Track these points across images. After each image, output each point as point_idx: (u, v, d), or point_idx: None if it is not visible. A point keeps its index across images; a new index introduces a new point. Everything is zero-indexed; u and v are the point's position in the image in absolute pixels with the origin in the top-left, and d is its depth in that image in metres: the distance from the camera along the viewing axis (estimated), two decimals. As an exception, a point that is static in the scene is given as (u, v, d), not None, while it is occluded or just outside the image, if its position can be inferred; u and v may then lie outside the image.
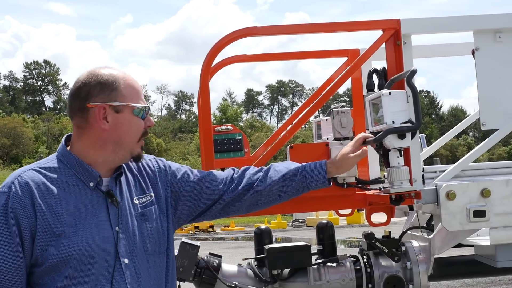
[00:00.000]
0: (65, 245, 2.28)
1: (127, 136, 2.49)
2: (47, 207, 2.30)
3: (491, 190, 3.03)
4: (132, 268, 2.41)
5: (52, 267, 2.28)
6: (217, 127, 3.61)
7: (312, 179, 2.72)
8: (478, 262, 3.51)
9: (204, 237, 20.24)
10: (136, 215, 2.52)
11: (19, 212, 2.27)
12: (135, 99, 2.49)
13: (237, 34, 3.08)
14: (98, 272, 2.33)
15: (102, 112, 2.43)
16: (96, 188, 2.44)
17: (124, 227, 2.44)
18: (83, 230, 2.33)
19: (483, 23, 3.22)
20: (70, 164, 2.45)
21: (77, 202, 2.37)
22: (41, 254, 2.28)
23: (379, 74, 3.27)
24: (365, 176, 3.72)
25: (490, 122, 3.19)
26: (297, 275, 3.28)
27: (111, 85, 2.46)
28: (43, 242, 2.28)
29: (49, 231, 2.28)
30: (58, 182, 2.39)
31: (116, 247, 2.39)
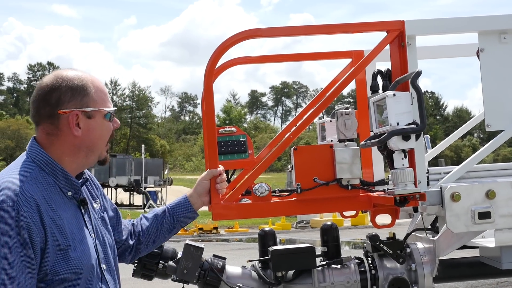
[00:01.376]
0: (74, 259, 2.27)
1: (99, 140, 2.48)
2: (51, 221, 2.26)
3: (496, 192, 3.02)
4: (108, 272, 2.48)
5: (61, 282, 2.24)
6: (221, 129, 3.60)
7: (179, 212, 2.93)
8: (483, 264, 3.50)
9: (208, 239, 20.22)
10: (99, 219, 2.57)
11: (32, 228, 2.18)
12: (105, 103, 2.47)
13: (241, 36, 3.07)
14: (95, 280, 2.36)
15: (75, 119, 2.39)
16: (72, 197, 2.42)
17: (96, 233, 2.48)
18: (81, 242, 2.33)
19: (488, 24, 3.21)
20: (52, 172, 2.39)
21: (66, 213, 2.35)
22: (51, 269, 2.22)
23: (384, 75, 3.26)
24: (369, 177, 3.71)
25: (495, 123, 3.18)
26: (302, 277, 3.28)
27: (82, 90, 2.41)
28: (52, 257, 2.22)
29: (56, 245, 2.24)
30: (49, 193, 2.33)
31: (97, 253, 2.42)
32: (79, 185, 2.45)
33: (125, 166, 37.49)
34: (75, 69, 2.50)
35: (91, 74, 2.53)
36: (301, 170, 3.12)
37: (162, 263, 3.21)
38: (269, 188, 3.14)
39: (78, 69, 2.50)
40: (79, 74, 2.45)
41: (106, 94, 2.51)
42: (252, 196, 3.14)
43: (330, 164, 3.12)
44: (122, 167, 37.32)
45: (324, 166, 3.13)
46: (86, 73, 2.49)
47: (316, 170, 3.12)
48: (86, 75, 2.48)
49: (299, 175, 3.12)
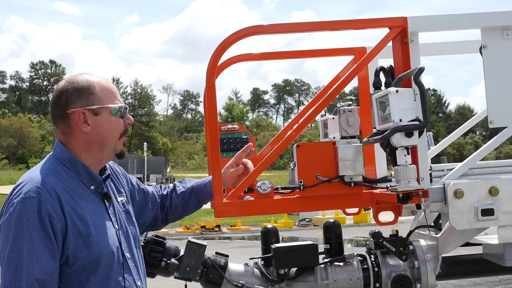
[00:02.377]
0: (94, 245, 2.51)
1: (108, 135, 2.69)
2: (72, 210, 2.50)
3: (500, 189, 3.01)
4: (132, 260, 2.71)
5: (82, 266, 2.48)
6: (223, 126, 3.60)
7: (204, 195, 3.25)
8: (486, 261, 3.49)
9: (211, 237, 20.26)
10: (123, 212, 2.82)
11: (52, 216, 2.43)
12: (111, 100, 2.70)
13: (243, 33, 3.07)
14: (117, 266, 2.59)
15: (82, 116, 2.63)
16: (95, 190, 2.68)
17: (120, 225, 2.72)
18: (102, 230, 2.58)
19: (491, 21, 3.19)
20: (75, 168, 2.64)
21: (88, 204, 2.60)
22: (72, 254, 2.46)
23: (386, 72, 3.25)
24: (372, 174, 3.70)
25: (498, 120, 3.17)
26: (304, 275, 3.27)
27: (87, 90, 2.66)
28: (73, 243, 2.46)
29: (77, 232, 2.48)
30: (71, 186, 2.58)
31: (120, 243, 2.65)
32: (100, 179, 2.70)
33: (127, 164, 37.58)
34: (87, 73, 2.75)
35: (101, 76, 2.77)
36: (303, 167, 3.12)
37: (164, 261, 3.20)
38: (271, 185, 3.13)
39: (89, 73, 2.75)
40: (87, 76, 2.71)
41: (113, 92, 2.73)
42: (255, 193, 3.13)
43: (332, 161, 3.12)
44: (124, 165, 37.36)
45: (327, 163, 3.12)
46: (95, 75, 2.75)
47: (318, 167, 3.11)
48: (93, 77, 2.72)
49: (301, 172, 3.12)
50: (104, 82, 2.72)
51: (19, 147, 71.24)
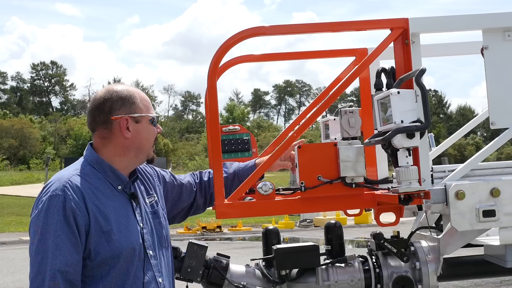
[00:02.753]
0: (115, 241, 2.69)
1: (146, 142, 2.94)
2: (95, 208, 2.70)
3: (501, 190, 3.01)
4: (154, 258, 2.88)
5: (104, 261, 2.68)
6: (225, 127, 3.60)
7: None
8: (487, 262, 3.49)
9: (212, 238, 20.25)
10: (150, 212, 2.97)
11: (76, 212, 2.64)
12: (149, 110, 2.95)
13: (244, 34, 3.07)
14: (137, 263, 2.77)
15: (125, 123, 2.86)
16: (122, 191, 2.86)
17: (145, 224, 2.89)
18: (125, 227, 2.76)
19: (492, 22, 3.19)
20: (102, 169, 2.85)
21: (113, 203, 2.79)
22: (94, 249, 2.66)
23: (388, 73, 3.25)
24: (373, 176, 3.70)
25: (499, 121, 3.17)
26: (306, 276, 3.27)
27: (130, 99, 2.89)
28: (95, 239, 2.66)
29: (99, 229, 2.68)
30: (97, 186, 2.78)
31: (143, 241, 2.83)
32: (126, 179, 2.90)
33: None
34: (122, 83, 3.02)
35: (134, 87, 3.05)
36: (305, 168, 3.12)
37: (166, 262, 3.20)
38: (273, 187, 3.13)
39: (124, 84, 3.02)
40: (126, 87, 2.96)
41: (149, 103, 2.98)
42: (256, 194, 3.13)
43: (334, 162, 3.12)
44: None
45: (328, 164, 3.12)
46: (131, 87, 3.00)
47: (320, 168, 3.11)
48: (131, 88, 2.98)
49: (303, 173, 3.11)
50: (141, 94, 2.97)
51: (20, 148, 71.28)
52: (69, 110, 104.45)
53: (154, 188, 3.13)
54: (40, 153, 72.25)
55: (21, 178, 55.57)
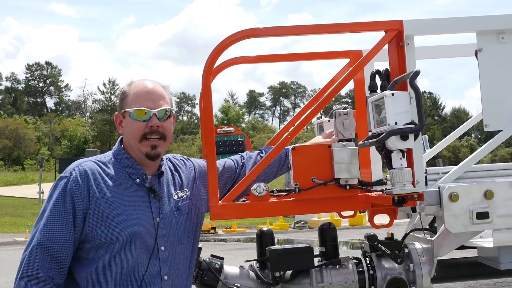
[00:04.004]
0: (113, 227, 2.72)
1: (130, 137, 2.91)
2: (99, 193, 2.75)
3: (494, 192, 3.02)
4: (166, 254, 2.84)
5: (99, 244, 2.71)
6: (219, 128, 3.60)
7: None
8: (481, 264, 3.50)
9: (206, 239, 20.23)
10: (174, 208, 2.94)
11: (75, 194, 2.72)
12: (134, 104, 2.88)
13: (239, 36, 3.07)
14: (139, 254, 2.76)
15: (118, 120, 2.96)
16: (141, 184, 2.88)
17: (163, 218, 2.87)
18: (129, 216, 2.76)
19: (486, 24, 3.20)
20: (122, 160, 2.91)
21: (125, 192, 2.82)
22: (91, 232, 2.71)
23: (382, 75, 3.26)
24: (367, 177, 3.71)
25: (493, 124, 3.18)
26: (299, 277, 3.27)
27: (123, 94, 2.96)
28: (94, 222, 2.71)
29: (99, 213, 2.72)
30: (111, 174, 2.84)
31: (156, 235, 2.81)
32: (144, 173, 2.90)
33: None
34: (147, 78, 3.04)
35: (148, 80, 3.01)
36: (299, 170, 3.12)
37: (160, 263, 3.20)
38: (267, 188, 3.13)
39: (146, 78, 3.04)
40: (134, 81, 3.00)
41: (139, 96, 2.91)
42: (250, 196, 3.13)
43: (328, 164, 3.12)
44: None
45: (322, 166, 3.12)
46: (142, 81, 2.99)
47: (314, 170, 3.11)
48: (137, 82, 2.99)
49: (297, 175, 3.11)
50: (138, 87, 2.95)
51: (15, 149, 71.07)
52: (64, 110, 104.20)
53: (189, 182, 3.11)
54: (35, 154, 72.10)
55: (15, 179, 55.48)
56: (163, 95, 2.97)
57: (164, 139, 2.92)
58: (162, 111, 2.90)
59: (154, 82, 3.01)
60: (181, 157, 3.22)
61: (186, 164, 3.19)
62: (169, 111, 2.95)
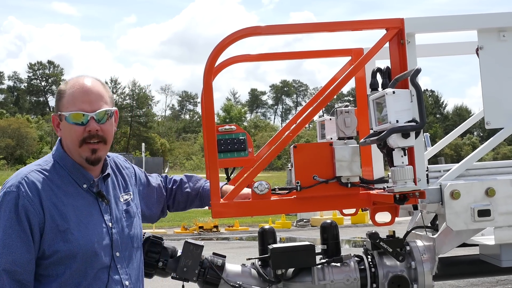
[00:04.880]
0: (71, 240, 2.54)
1: (68, 141, 2.71)
2: (52, 206, 2.55)
3: (496, 190, 3.02)
4: (122, 260, 2.71)
5: (59, 260, 2.53)
6: (220, 127, 3.60)
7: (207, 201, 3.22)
8: (483, 262, 3.50)
9: (209, 237, 20.22)
10: (123, 211, 2.82)
11: (29, 210, 2.50)
12: (70, 107, 2.66)
13: (240, 34, 3.07)
14: (99, 264, 2.61)
15: (55, 121, 2.74)
16: (88, 189, 2.69)
17: (115, 223, 2.73)
18: (85, 227, 2.60)
19: (487, 22, 3.21)
20: (66, 166, 2.70)
21: (75, 202, 2.63)
22: (48, 248, 2.52)
23: (383, 73, 3.26)
24: (369, 175, 3.71)
25: (494, 121, 3.18)
26: (301, 275, 3.28)
27: (58, 95, 2.73)
28: (51, 237, 2.52)
29: (55, 227, 2.53)
30: (57, 183, 2.63)
31: (111, 241, 2.68)
32: (92, 178, 2.72)
33: (126, 165, 37.51)
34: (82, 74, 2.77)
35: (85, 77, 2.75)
36: (300, 168, 3.12)
37: (162, 261, 3.21)
38: (268, 186, 3.14)
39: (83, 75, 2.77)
40: (71, 79, 2.76)
41: (75, 99, 2.67)
42: (252, 194, 3.14)
43: (329, 162, 3.12)
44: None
45: (324, 164, 3.13)
46: (77, 78, 2.74)
47: (315, 168, 3.12)
48: (73, 80, 2.74)
49: (298, 173, 3.12)
50: (74, 87, 2.69)
51: (17, 148, 71.07)
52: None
53: (131, 185, 2.99)
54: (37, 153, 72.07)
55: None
56: (101, 94, 2.72)
57: (104, 142, 2.71)
58: (101, 113, 2.68)
59: (93, 79, 2.75)
60: (124, 159, 3.08)
61: (128, 167, 3.07)
62: (109, 112, 2.72)
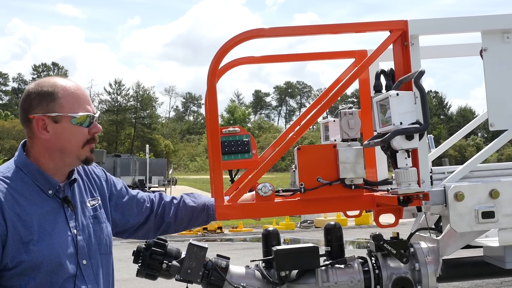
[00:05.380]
0: (35, 251, 2.43)
1: (69, 144, 2.61)
2: (15, 216, 2.43)
3: (500, 191, 3.02)
4: (90, 268, 2.62)
5: (22, 271, 2.42)
6: (224, 128, 3.61)
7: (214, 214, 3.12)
8: (487, 264, 3.50)
9: (213, 239, 20.26)
10: (90, 217, 2.73)
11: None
12: (74, 109, 2.60)
13: (243, 36, 3.07)
14: (64, 274, 2.49)
15: (42, 124, 2.57)
16: (54, 195, 2.59)
17: (81, 230, 2.64)
18: (49, 236, 2.49)
19: (491, 24, 3.20)
20: (30, 172, 2.57)
21: (40, 209, 2.51)
22: (11, 260, 2.41)
23: (387, 75, 3.26)
24: (373, 177, 3.71)
25: (498, 123, 3.18)
26: (305, 277, 3.28)
27: (49, 96, 2.57)
28: (14, 249, 2.40)
29: (18, 239, 2.42)
30: (20, 191, 2.51)
31: (76, 249, 2.56)
32: (57, 184, 2.61)
33: (130, 166, 37.57)
34: (61, 76, 2.70)
35: (72, 80, 2.68)
36: (304, 169, 3.13)
37: (166, 263, 3.21)
38: (272, 188, 3.14)
39: (62, 77, 2.69)
40: (55, 80, 2.64)
41: (78, 100, 2.62)
42: (256, 195, 3.14)
43: (333, 163, 3.13)
44: (126, 167, 37.37)
45: (328, 165, 3.13)
46: (65, 80, 2.65)
47: (319, 169, 3.12)
48: (62, 81, 2.63)
49: (302, 175, 3.12)
50: (71, 89, 2.63)
51: (22, 149, 71.24)
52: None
53: (100, 191, 2.89)
54: (41, 154, 72.24)
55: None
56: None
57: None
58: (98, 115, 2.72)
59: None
60: (95, 165, 2.96)
61: (96, 172, 2.97)
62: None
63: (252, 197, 3.23)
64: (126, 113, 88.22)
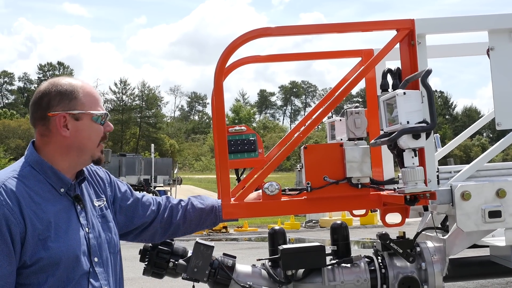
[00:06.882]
0: (53, 248, 2.46)
1: (88, 141, 2.68)
2: (32, 213, 2.46)
3: (507, 191, 3.01)
4: (101, 265, 2.66)
5: (41, 268, 2.44)
6: (231, 127, 3.61)
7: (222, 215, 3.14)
8: (493, 263, 3.50)
9: (218, 238, 20.26)
10: (98, 216, 2.78)
11: (10, 219, 2.39)
12: (94, 107, 2.68)
13: (251, 35, 3.08)
14: (80, 270, 2.54)
15: (63, 121, 2.62)
16: (65, 193, 2.63)
17: (91, 228, 2.68)
18: (65, 233, 2.54)
19: (498, 23, 3.20)
20: (43, 171, 2.61)
21: (54, 207, 2.56)
22: (30, 258, 2.43)
23: (394, 74, 3.26)
24: (379, 176, 3.71)
25: (505, 122, 3.17)
26: (311, 276, 3.28)
27: (70, 94, 2.64)
28: (32, 247, 2.43)
29: (36, 236, 2.44)
30: (35, 189, 2.54)
31: (89, 247, 2.62)
32: (70, 182, 2.65)
33: (135, 166, 37.57)
34: (70, 76, 2.76)
35: (85, 81, 2.75)
36: (311, 168, 3.13)
37: (172, 262, 3.22)
38: (279, 187, 3.14)
39: (73, 77, 2.76)
40: (71, 80, 2.69)
41: (96, 98, 2.72)
42: (262, 194, 3.14)
43: (340, 162, 3.13)
44: (132, 166, 37.37)
45: (334, 164, 3.13)
46: (79, 80, 2.73)
47: (326, 168, 3.12)
48: (77, 81, 2.71)
49: (309, 174, 3.12)
50: (87, 88, 2.71)
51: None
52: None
53: (104, 193, 2.92)
54: (47, 153, 72.37)
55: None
56: None
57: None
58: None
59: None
60: (99, 167, 2.99)
61: (100, 174, 2.99)
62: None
63: (258, 196, 3.23)
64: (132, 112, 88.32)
